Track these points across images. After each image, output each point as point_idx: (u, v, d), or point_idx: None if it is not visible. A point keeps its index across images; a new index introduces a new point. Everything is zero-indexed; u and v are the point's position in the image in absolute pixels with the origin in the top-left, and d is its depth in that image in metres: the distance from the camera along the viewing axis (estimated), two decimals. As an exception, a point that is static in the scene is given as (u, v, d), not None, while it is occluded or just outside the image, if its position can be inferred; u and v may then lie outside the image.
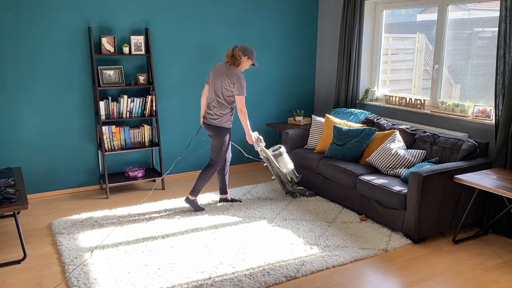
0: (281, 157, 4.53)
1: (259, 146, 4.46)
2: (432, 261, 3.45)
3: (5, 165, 4.49)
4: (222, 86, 4.08)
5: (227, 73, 4.07)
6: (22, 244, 3.41)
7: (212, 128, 4.21)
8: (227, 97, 4.10)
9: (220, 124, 4.18)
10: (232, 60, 4.08)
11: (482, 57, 4.43)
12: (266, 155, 4.53)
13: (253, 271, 3.23)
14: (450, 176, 3.67)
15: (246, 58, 4.12)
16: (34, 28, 4.40)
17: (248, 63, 4.18)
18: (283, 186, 4.70)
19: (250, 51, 4.14)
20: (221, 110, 4.15)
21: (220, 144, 4.24)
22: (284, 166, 4.56)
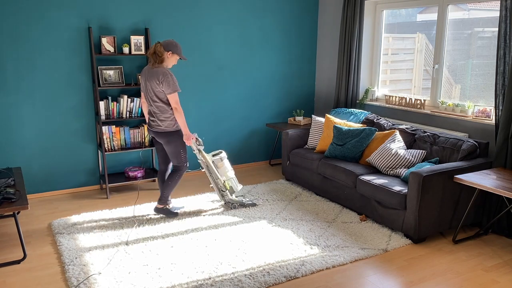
0: (221, 163, 4.29)
1: (197, 149, 4.20)
2: (432, 261, 3.45)
3: (5, 165, 4.49)
4: (153, 89, 3.84)
5: (153, 74, 3.82)
6: (22, 244, 3.41)
7: (162, 135, 3.96)
8: (163, 98, 3.86)
9: (168, 128, 3.94)
10: (155, 58, 3.83)
11: (482, 57, 4.43)
12: (205, 160, 4.26)
13: (253, 271, 3.23)
14: (450, 176, 3.67)
15: (171, 54, 3.87)
16: (34, 28, 4.40)
17: (174, 58, 3.92)
18: (221, 196, 4.38)
19: (174, 45, 3.87)
20: (164, 114, 3.90)
21: (176, 148, 4.01)
22: (223, 173, 4.31)
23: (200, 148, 4.20)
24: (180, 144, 4.01)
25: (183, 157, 4.07)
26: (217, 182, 4.32)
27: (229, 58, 5.48)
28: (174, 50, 3.88)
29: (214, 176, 4.31)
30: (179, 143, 4.01)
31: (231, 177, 4.38)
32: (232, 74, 5.55)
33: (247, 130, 5.82)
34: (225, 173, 4.33)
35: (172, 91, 3.81)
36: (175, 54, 3.90)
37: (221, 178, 4.31)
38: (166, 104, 3.88)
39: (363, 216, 4.13)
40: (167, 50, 3.85)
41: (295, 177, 5.08)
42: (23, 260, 3.40)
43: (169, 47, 3.86)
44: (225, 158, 4.34)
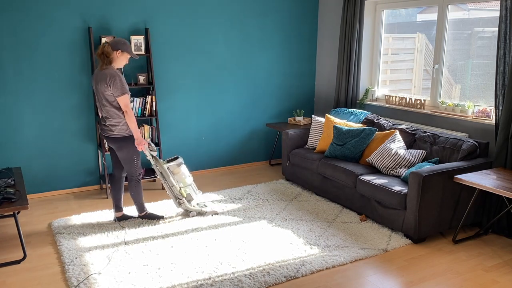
0: (177, 169, 4.09)
1: (150, 155, 3.98)
2: (432, 261, 3.45)
3: (5, 165, 4.49)
4: (101, 92, 3.65)
5: (101, 76, 3.63)
6: (22, 244, 3.41)
7: (114, 141, 3.78)
8: (112, 101, 3.66)
9: (120, 133, 3.75)
10: (102, 58, 3.65)
11: (482, 57, 4.43)
12: (159, 166, 4.06)
13: (253, 271, 3.23)
14: (450, 176, 3.67)
15: (120, 52, 3.67)
16: (34, 28, 4.40)
17: (124, 57, 3.72)
18: (177, 204, 4.15)
19: (122, 43, 3.68)
20: (115, 119, 3.71)
21: (129, 154, 3.83)
22: (180, 180, 4.11)
23: (153, 154, 4.00)
24: (133, 151, 3.83)
25: (136, 164, 3.88)
26: (173, 190, 4.10)
27: (229, 58, 5.48)
28: (123, 48, 3.68)
29: (169, 183, 4.08)
30: (132, 149, 3.82)
31: (189, 183, 4.17)
32: (232, 74, 5.55)
33: (247, 130, 5.82)
34: (182, 180, 4.12)
35: (121, 93, 3.62)
36: (125, 53, 3.71)
37: (177, 185, 4.09)
38: (116, 108, 3.69)
39: (363, 216, 4.13)
40: (116, 49, 3.66)
41: (295, 177, 5.08)
42: (23, 260, 3.40)
43: (118, 46, 3.67)
44: (182, 164, 4.14)
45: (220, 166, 5.73)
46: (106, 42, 3.69)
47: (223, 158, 5.72)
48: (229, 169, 5.79)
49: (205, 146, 5.57)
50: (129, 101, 3.69)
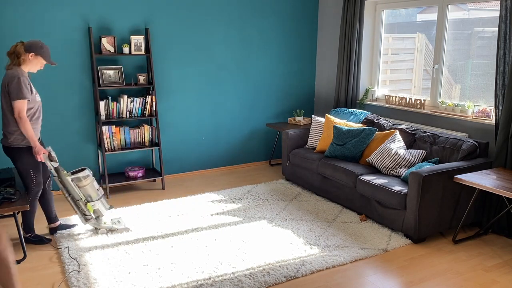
0: (83, 182, 3.66)
1: (51, 166, 3.56)
2: (432, 261, 3.45)
3: (5, 165, 4.48)
4: (3, 93, 3.30)
5: (4, 76, 3.29)
6: (22, 244, 3.41)
7: (8, 151, 3.41)
8: (10, 106, 3.29)
9: (15, 144, 3.37)
10: (12, 58, 3.32)
11: (482, 57, 4.43)
12: (61, 179, 3.60)
13: (253, 271, 3.23)
14: (450, 176, 3.67)
15: (33, 56, 3.34)
16: (34, 28, 4.40)
17: (38, 61, 3.38)
18: (84, 220, 3.73)
19: (38, 47, 3.35)
20: (12, 127, 3.34)
21: (25, 168, 3.43)
22: (87, 194, 3.70)
23: (54, 165, 3.56)
24: (28, 163, 3.43)
25: (34, 178, 3.48)
26: (78, 205, 3.69)
27: (229, 58, 5.48)
28: (38, 52, 3.35)
29: (73, 197, 3.67)
30: (28, 162, 3.42)
31: (97, 198, 3.75)
32: (232, 74, 5.55)
33: (247, 130, 5.82)
34: (89, 194, 3.71)
35: (16, 97, 3.23)
36: (39, 56, 3.37)
37: (83, 199, 3.70)
38: (12, 114, 3.31)
39: (363, 216, 4.13)
40: (29, 51, 3.33)
41: (295, 177, 5.08)
42: (23, 260, 3.40)
43: (32, 49, 3.33)
44: (89, 176, 3.70)
45: (220, 166, 5.73)
46: (21, 42, 3.39)
47: (223, 158, 5.72)
48: (229, 169, 5.79)
49: (205, 146, 5.57)
50: (24, 107, 3.26)
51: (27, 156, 3.42)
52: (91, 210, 3.75)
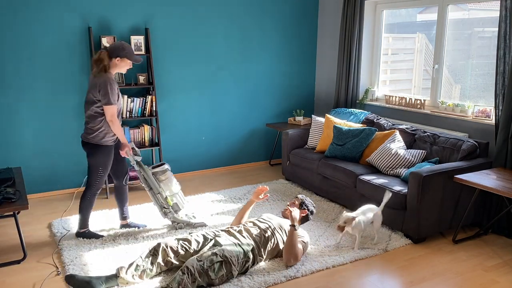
0: (164, 176, 3.84)
1: (134, 160, 3.75)
2: (432, 261, 3.45)
3: (5, 165, 4.48)
4: (90, 97, 3.50)
5: (94, 81, 3.48)
6: (22, 244, 3.41)
7: (85, 145, 3.61)
8: (96, 107, 3.50)
9: (94, 140, 3.56)
10: (98, 65, 3.48)
11: (482, 57, 4.43)
12: (143, 172, 3.81)
13: (253, 270, 3.23)
14: (450, 176, 3.67)
15: (119, 59, 3.51)
16: (34, 28, 4.40)
17: (123, 64, 3.55)
18: (163, 214, 3.88)
19: (121, 49, 3.49)
20: (92, 124, 3.53)
21: (95, 164, 3.61)
22: (167, 188, 3.85)
23: (138, 159, 3.76)
24: (100, 161, 3.60)
25: (98, 177, 3.63)
26: (158, 198, 3.84)
27: (229, 58, 5.48)
28: (122, 54, 3.50)
29: (154, 191, 3.82)
30: (100, 160, 3.60)
31: (176, 192, 3.89)
32: (232, 74, 5.55)
33: (247, 130, 5.82)
34: (168, 188, 3.85)
35: (107, 103, 3.45)
36: (124, 59, 3.53)
37: (163, 193, 3.83)
38: (99, 114, 3.52)
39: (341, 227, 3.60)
40: (114, 56, 3.49)
41: (295, 177, 5.08)
42: (23, 260, 3.40)
43: (116, 53, 3.48)
44: (169, 170, 3.88)
45: (220, 166, 5.73)
46: (104, 48, 3.55)
47: (223, 158, 5.72)
48: (229, 169, 5.79)
49: (205, 146, 5.57)
50: (115, 111, 3.50)
51: (101, 154, 3.60)
52: (170, 203, 3.87)
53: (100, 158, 3.60)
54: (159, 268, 3.09)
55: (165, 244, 3.12)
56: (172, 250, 3.11)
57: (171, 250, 3.11)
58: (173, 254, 3.11)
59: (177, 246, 3.13)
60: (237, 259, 3.08)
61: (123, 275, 2.96)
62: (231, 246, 3.13)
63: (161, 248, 3.10)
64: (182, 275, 2.86)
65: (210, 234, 3.28)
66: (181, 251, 3.12)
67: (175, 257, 3.11)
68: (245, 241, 3.22)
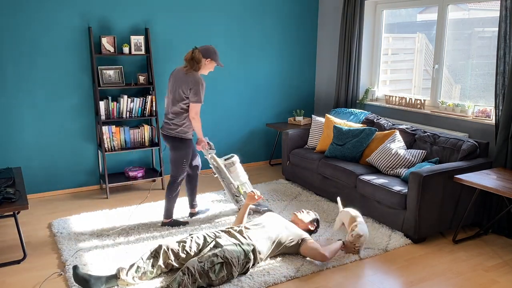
0: (233, 168, 4.15)
1: (209, 153, 4.05)
2: (432, 261, 3.45)
3: (5, 165, 4.49)
4: (179, 93, 3.72)
5: (185, 79, 3.70)
6: (22, 244, 3.41)
7: (171, 139, 3.82)
8: (184, 103, 3.74)
9: (178, 134, 3.79)
10: (191, 64, 3.72)
11: (482, 57, 4.43)
12: (217, 164, 4.11)
13: (253, 270, 3.23)
14: (450, 176, 3.67)
15: (209, 61, 3.76)
16: (34, 28, 4.40)
17: (212, 65, 3.82)
18: (235, 202, 4.21)
19: (213, 52, 3.76)
20: (180, 119, 3.77)
21: (180, 157, 3.85)
22: (236, 177, 4.16)
23: (212, 153, 4.06)
24: (185, 154, 3.86)
25: (182, 169, 3.89)
26: (230, 187, 4.16)
27: (229, 58, 5.47)
28: (213, 57, 3.77)
29: (226, 181, 4.16)
30: (185, 153, 3.86)
31: (244, 181, 4.22)
32: (232, 74, 5.55)
33: (247, 130, 5.82)
34: (238, 178, 4.18)
35: (196, 101, 3.70)
36: (213, 61, 3.80)
37: (235, 183, 4.16)
38: (185, 111, 3.78)
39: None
40: (206, 57, 3.75)
41: (295, 177, 5.08)
42: (23, 260, 3.40)
43: (208, 54, 3.75)
44: (238, 162, 4.20)
45: (220, 166, 5.73)
46: (195, 48, 3.75)
47: (223, 158, 5.72)
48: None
49: (205, 146, 5.56)
50: (199, 109, 3.76)
51: (186, 147, 3.85)
52: (241, 192, 4.18)
53: (184, 150, 3.84)
54: (160, 270, 3.10)
55: (166, 246, 3.12)
56: (173, 252, 3.11)
57: (172, 253, 3.11)
58: (174, 257, 3.11)
59: (178, 249, 3.13)
60: (238, 260, 3.08)
61: (123, 277, 2.95)
62: (232, 247, 3.13)
63: (162, 250, 3.10)
64: (183, 275, 2.86)
65: (211, 235, 3.28)
66: (182, 254, 3.12)
67: (175, 259, 3.11)
68: (245, 242, 3.23)
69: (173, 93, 3.78)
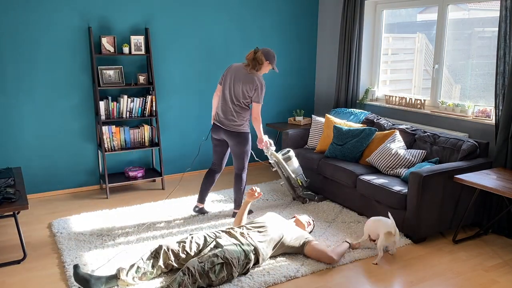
0: (290, 161, 4.44)
1: (269, 150, 4.30)
2: (432, 261, 3.45)
3: (5, 165, 4.49)
4: (243, 91, 3.87)
5: (248, 78, 3.86)
6: (22, 244, 3.41)
7: (235, 135, 3.99)
8: (246, 101, 3.92)
9: (242, 129, 3.99)
10: (254, 64, 3.86)
11: (482, 57, 4.43)
12: (277, 160, 4.38)
13: (253, 270, 3.23)
14: (450, 176, 3.67)
15: (268, 63, 3.91)
16: (34, 28, 4.40)
17: (268, 68, 3.96)
18: (293, 192, 4.53)
19: (273, 56, 3.93)
20: (243, 115, 3.96)
21: (245, 150, 4.07)
22: (293, 170, 4.46)
23: (272, 149, 4.29)
24: (249, 147, 4.08)
25: (246, 161, 4.13)
26: (290, 179, 4.45)
27: (229, 58, 5.47)
28: (272, 61, 3.91)
29: (286, 174, 4.43)
30: (248, 146, 4.07)
31: (300, 173, 4.50)
32: (232, 74, 5.54)
33: (247, 130, 5.81)
34: (295, 170, 4.46)
35: (259, 101, 3.88)
36: (270, 65, 3.93)
37: (293, 175, 4.42)
38: (246, 107, 3.95)
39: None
40: (267, 59, 3.87)
41: (295, 177, 5.08)
42: (23, 260, 3.40)
43: (269, 57, 3.88)
44: (293, 156, 4.48)
45: (220, 166, 5.73)
46: (258, 49, 3.87)
47: (223, 158, 5.72)
48: (229, 169, 5.79)
49: (205, 146, 5.56)
50: (260, 110, 3.92)
51: (249, 141, 4.06)
52: (299, 183, 4.49)
53: (248, 144, 4.06)
54: (160, 270, 3.09)
55: (166, 246, 3.12)
56: (173, 253, 3.11)
57: (172, 253, 3.11)
58: (174, 257, 3.11)
59: (178, 249, 3.13)
60: (238, 261, 3.08)
61: (124, 277, 2.95)
62: (232, 248, 3.13)
63: (163, 250, 3.10)
64: (183, 275, 2.86)
65: (211, 235, 3.28)
66: (182, 255, 3.12)
67: (175, 260, 3.11)
68: (246, 242, 3.23)
69: (233, 90, 3.92)
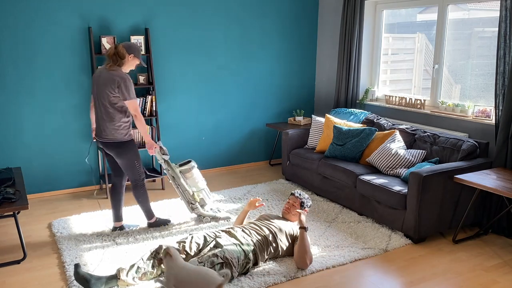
0: (190, 174, 3.98)
1: (162, 159, 3.89)
2: (432, 261, 3.45)
3: (5, 165, 4.49)
4: (106, 93, 3.46)
5: (108, 77, 3.45)
6: (22, 244, 3.41)
7: (114, 146, 3.57)
8: (115, 104, 3.50)
9: (118, 138, 3.56)
10: (114, 59, 3.48)
11: (482, 57, 4.43)
12: (171, 171, 3.96)
13: (253, 270, 3.23)
14: (450, 176, 3.67)
15: (132, 57, 3.55)
16: (34, 28, 4.40)
17: (134, 63, 3.60)
18: (190, 209, 4.04)
19: (136, 49, 3.55)
20: (115, 122, 3.52)
21: (130, 160, 3.64)
22: (193, 184, 4.00)
23: (166, 158, 3.89)
24: (133, 156, 3.65)
25: (138, 169, 3.69)
26: (185, 195, 4.00)
27: (229, 58, 5.48)
28: (136, 53, 3.57)
29: (181, 188, 3.98)
30: (132, 153, 3.64)
31: (202, 188, 4.05)
32: (232, 74, 5.55)
33: (247, 130, 5.82)
34: (195, 184, 4.01)
35: (128, 97, 3.47)
36: (136, 58, 3.59)
37: (190, 189, 3.99)
38: (118, 112, 3.52)
39: None
40: (129, 53, 3.54)
41: (295, 177, 5.08)
42: (23, 260, 3.40)
43: (131, 50, 3.54)
44: (195, 167, 4.03)
45: (220, 166, 5.74)
46: (118, 44, 3.54)
47: (223, 158, 5.72)
48: (229, 169, 5.80)
49: (205, 146, 5.57)
50: (138, 105, 3.55)
51: (131, 149, 3.63)
52: (197, 199, 4.03)
53: (131, 152, 3.64)
54: (160, 270, 3.09)
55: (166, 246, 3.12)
56: None
57: None
58: None
59: (178, 249, 3.13)
60: (238, 261, 3.08)
61: (124, 278, 2.95)
62: (232, 247, 3.13)
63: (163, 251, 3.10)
64: None
65: (211, 235, 3.28)
66: (182, 255, 3.12)
67: None
68: (245, 242, 3.22)
69: (98, 96, 3.53)
